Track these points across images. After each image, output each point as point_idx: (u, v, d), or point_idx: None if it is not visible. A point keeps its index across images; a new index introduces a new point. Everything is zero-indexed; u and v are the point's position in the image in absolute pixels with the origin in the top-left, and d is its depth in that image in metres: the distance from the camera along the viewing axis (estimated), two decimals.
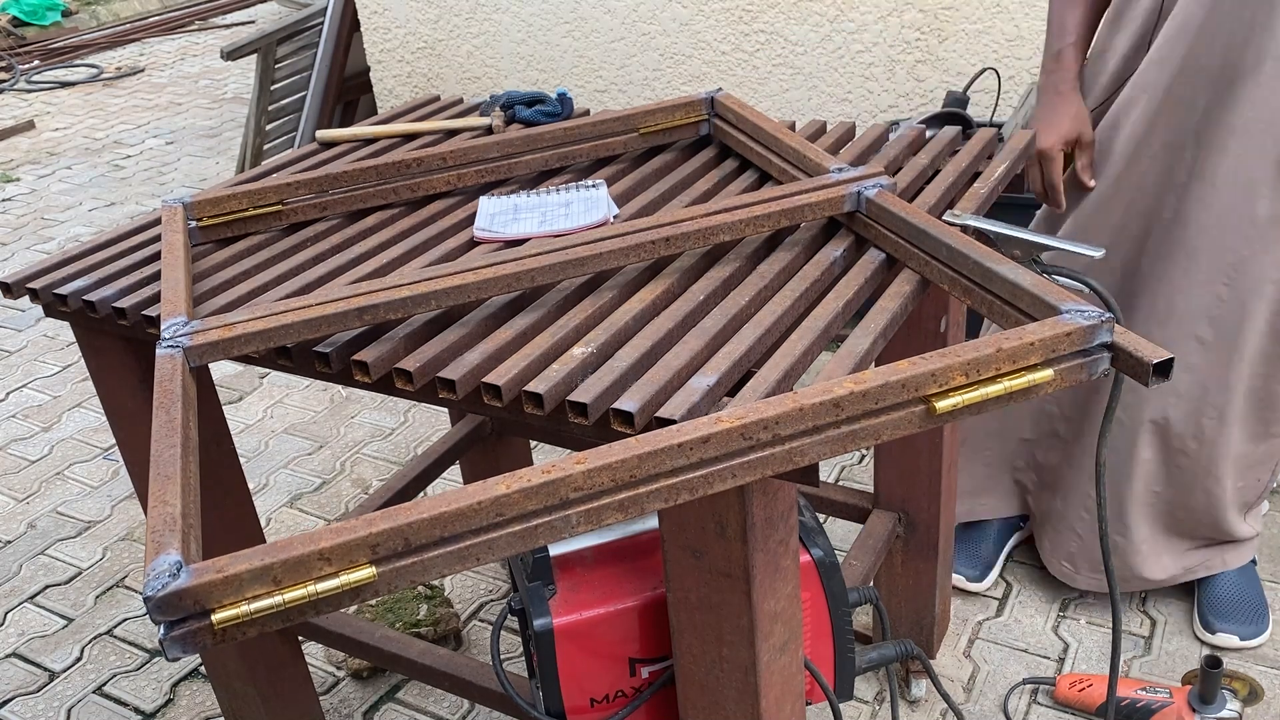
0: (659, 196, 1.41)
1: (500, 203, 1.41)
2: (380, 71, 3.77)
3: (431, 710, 1.88)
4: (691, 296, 1.14)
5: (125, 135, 5.16)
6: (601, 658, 1.16)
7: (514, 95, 1.70)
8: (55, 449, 2.76)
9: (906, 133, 1.49)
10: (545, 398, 0.99)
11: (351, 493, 2.50)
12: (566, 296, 1.17)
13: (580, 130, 1.52)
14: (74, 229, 4.12)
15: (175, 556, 0.78)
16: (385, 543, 0.78)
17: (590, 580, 1.17)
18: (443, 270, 1.16)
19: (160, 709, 1.93)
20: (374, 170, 1.45)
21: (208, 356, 1.10)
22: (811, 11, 2.90)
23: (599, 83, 3.33)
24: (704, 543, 1.01)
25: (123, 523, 2.45)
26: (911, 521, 1.73)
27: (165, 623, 0.75)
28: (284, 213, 1.43)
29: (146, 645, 2.08)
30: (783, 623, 1.09)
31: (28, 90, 6.01)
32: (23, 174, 4.77)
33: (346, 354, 1.11)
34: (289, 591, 0.77)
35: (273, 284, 1.29)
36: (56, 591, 2.25)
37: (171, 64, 6.30)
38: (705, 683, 1.12)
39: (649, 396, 0.97)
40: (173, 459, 0.92)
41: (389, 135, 1.70)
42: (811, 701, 1.24)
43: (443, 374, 1.05)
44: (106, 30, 6.89)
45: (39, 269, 1.37)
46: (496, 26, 3.45)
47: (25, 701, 1.97)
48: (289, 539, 0.78)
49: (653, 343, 1.06)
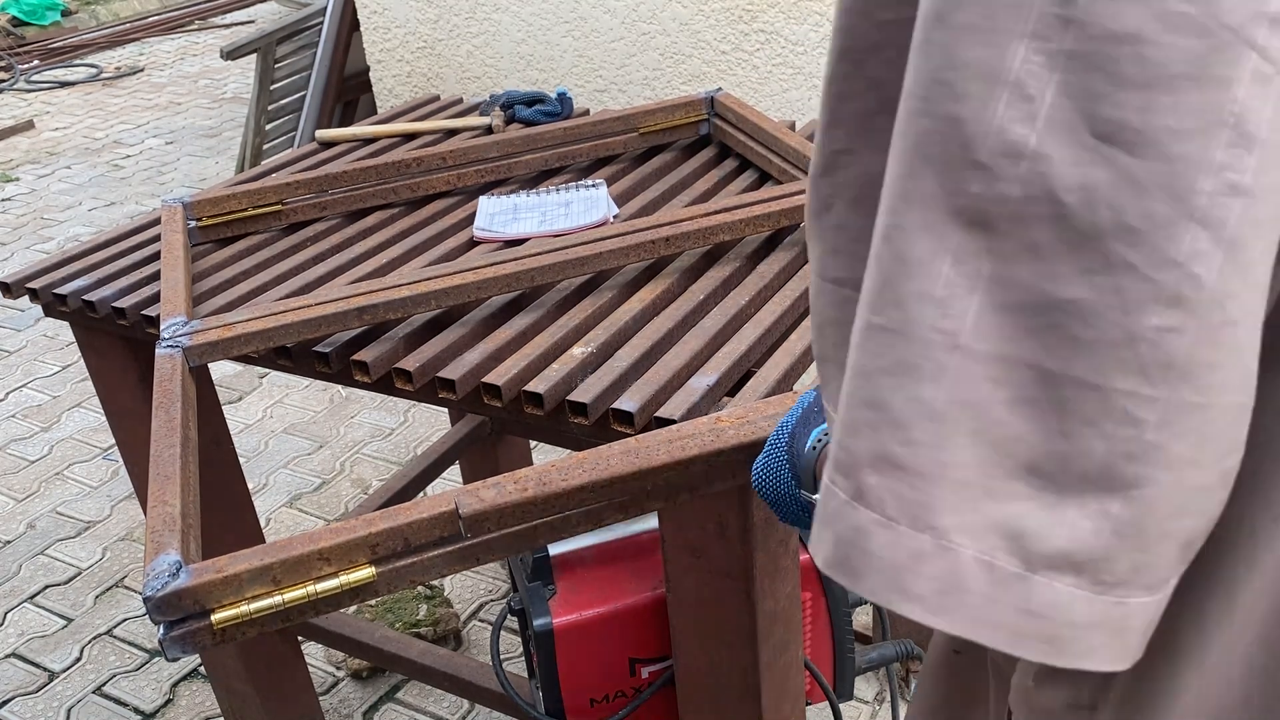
0: (659, 196, 1.41)
1: (500, 202, 1.41)
2: (380, 71, 3.77)
3: (431, 710, 1.88)
4: (691, 296, 1.14)
5: (125, 135, 5.16)
6: (601, 658, 1.16)
7: (514, 95, 1.70)
8: (55, 449, 2.76)
9: None
10: (545, 397, 0.99)
11: (351, 493, 2.49)
12: (566, 296, 1.17)
13: (580, 130, 1.52)
14: (73, 229, 4.12)
15: (175, 556, 0.78)
16: (385, 543, 0.78)
17: (590, 580, 1.17)
18: (442, 270, 1.16)
19: (160, 709, 1.93)
20: (374, 170, 1.45)
21: (207, 356, 1.10)
22: (811, 11, 2.90)
23: (599, 82, 3.33)
24: (704, 543, 1.01)
25: (122, 523, 2.45)
26: None
27: (165, 623, 0.75)
28: (284, 213, 1.43)
29: (146, 645, 2.08)
30: (783, 623, 1.09)
31: (27, 90, 6.01)
32: (22, 174, 4.77)
33: (346, 354, 1.11)
34: (289, 591, 0.77)
35: (272, 284, 1.29)
36: (56, 591, 2.25)
37: (171, 64, 6.30)
38: (705, 683, 1.12)
39: (649, 396, 0.97)
40: (172, 459, 0.92)
41: (389, 135, 1.70)
42: (811, 701, 1.24)
43: (442, 374, 1.05)
44: (106, 30, 6.90)
45: (38, 269, 1.37)
46: (496, 26, 3.45)
47: (25, 701, 1.97)
48: (289, 539, 0.78)
49: (652, 343, 1.06)
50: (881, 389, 0.39)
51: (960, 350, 0.37)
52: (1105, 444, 0.37)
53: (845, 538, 0.40)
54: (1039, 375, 0.37)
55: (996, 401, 0.37)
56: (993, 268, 0.36)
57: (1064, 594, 0.38)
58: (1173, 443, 0.37)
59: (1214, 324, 0.35)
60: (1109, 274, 0.35)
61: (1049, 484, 0.38)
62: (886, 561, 0.39)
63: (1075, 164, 0.34)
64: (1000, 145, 0.35)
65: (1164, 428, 0.36)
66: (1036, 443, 0.37)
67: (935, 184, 0.37)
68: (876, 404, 0.39)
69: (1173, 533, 0.39)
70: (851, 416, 0.40)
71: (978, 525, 0.38)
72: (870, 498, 0.39)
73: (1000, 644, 0.39)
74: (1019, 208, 0.35)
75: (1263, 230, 0.35)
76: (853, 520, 0.40)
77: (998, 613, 0.38)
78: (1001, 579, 0.38)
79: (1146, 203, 0.34)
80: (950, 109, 0.36)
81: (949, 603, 0.38)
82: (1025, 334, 0.36)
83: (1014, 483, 0.38)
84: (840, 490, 0.40)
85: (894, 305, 0.38)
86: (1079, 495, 0.37)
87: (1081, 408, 0.36)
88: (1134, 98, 0.33)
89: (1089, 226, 0.35)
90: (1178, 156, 0.34)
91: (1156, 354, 0.35)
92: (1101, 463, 0.37)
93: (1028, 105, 0.35)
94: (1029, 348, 0.36)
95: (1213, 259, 0.35)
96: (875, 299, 0.39)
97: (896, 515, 0.39)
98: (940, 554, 0.38)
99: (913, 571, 0.39)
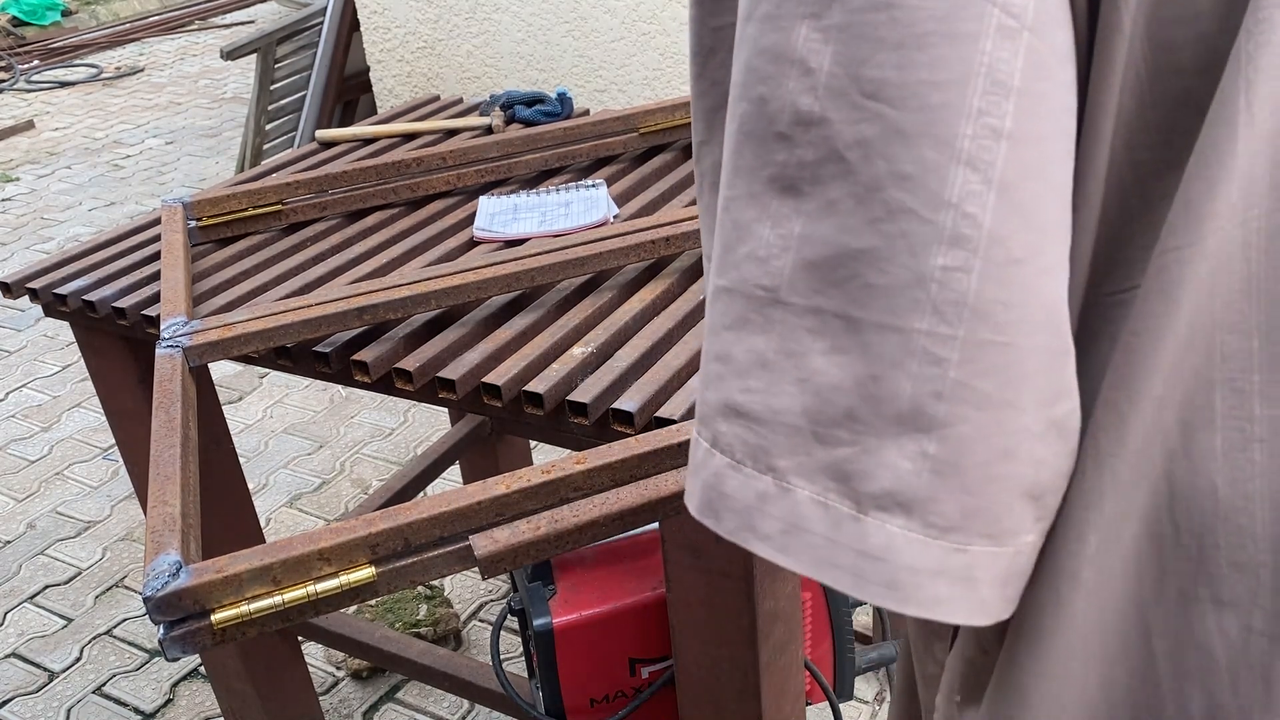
0: (659, 196, 1.41)
1: (500, 202, 1.41)
2: (380, 71, 3.77)
3: (431, 710, 1.88)
4: (691, 296, 1.14)
5: (125, 135, 5.16)
6: (601, 658, 1.16)
7: (514, 95, 1.70)
8: (55, 449, 2.76)
9: None
10: (545, 398, 0.99)
11: (351, 493, 2.49)
12: (566, 296, 1.17)
13: (580, 130, 1.52)
14: (73, 229, 4.12)
15: (175, 556, 0.78)
16: (385, 543, 0.78)
17: (590, 580, 1.17)
18: (442, 270, 1.16)
19: (160, 709, 1.93)
20: (374, 170, 1.45)
21: (207, 356, 1.10)
22: None
23: (599, 82, 3.33)
24: (704, 543, 1.01)
25: (122, 523, 2.45)
26: None
27: (165, 623, 0.75)
28: (284, 213, 1.43)
29: (146, 645, 2.08)
30: (783, 623, 1.09)
31: (27, 90, 6.01)
32: (22, 174, 4.77)
33: (346, 354, 1.11)
34: (289, 591, 0.76)
35: (272, 284, 1.29)
36: (56, 591, 2.25)
37: (171, 64, 6.30)
38: (705, 683, 1.12)
39: (649, 396, 0.97)
40: (172, 459, 0.92)
41: (389, 135, 1.70)
42: (811, 701, 1.24)
43: (442, 374, 1.05)
44: (106, 30, 6.89)
45: (38, 269, 1.37)
46: (496, 26, 3.45)
47: (25, 701, 1.97)
48: (289, 539, 0.78)
49: (652, 343, 1.06)
50: (726, 343, 0.42)
51: (781, 305, 0.40)
52: (912, 384, 0.39)
53: (708, 483, 0.43)
54: (847, 324, 0.39)
55: (815, 351, 0.40)
56: (801, 227, 0.40)
57: (897, 535, 0.40)
58: (978, 380, 0.39)
59: (999, 261, 0.38)
60: (893, 221, 0.38)
61: (868, 428, 0.40)
62: (739, 502, 0.42)
63: (852, 123, 0.38)
64: (794, 116, 0.39)
65: (966, 364, 0.38)
66: (851, 389, 0.40)
67: (753, 157, 0.41)
68: (723, 357, 0.43)
69: (1001, 477, 0.40)
70: (706, 370, 0.44)
71: (810, 467, 0.41)
72: (722, 443, 0.43)
73: (845, 586, 0.41)
74: (815, 170, 0.39)
75: (1032, 174, 0.38)
76: (712, 466, 0.43)
77: (837, 554, 0.41)
78: (837, 520, 0.41)
79: (915, 150, 0.37)
80: (758, 90, 0.40)
81: (793, 543, 0.41)
82: (831, 285, 0.39)
83: (836, 429, 0.40)
84: (703, 440, 0.44)
85: (732, 267, 0.42)
86: (896, 437, 0.39)
87: (886, 350, 0.39)
88: (892, 57, 0.37)
89: (870, 179, 0.38)
90: (937, 105, 0.37)
91: (946, 293, 0.38)
92: (911, 402, 0.39)
93: (810, 78, 0.38)
94: (835, 298, 0.39)
95: (985, 198, 0.37)
96: (719, 263, 0.43)
97: (743, 459, 0.42)
98: (782, 495, 0.41)
99: (760, 511, 0.42)
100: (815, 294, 0.40)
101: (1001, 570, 0.41)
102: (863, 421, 0.40)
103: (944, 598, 0.40)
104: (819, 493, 0.41)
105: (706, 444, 0.44)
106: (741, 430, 0.42)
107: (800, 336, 0.40)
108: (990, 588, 0.41)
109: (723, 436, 0.43)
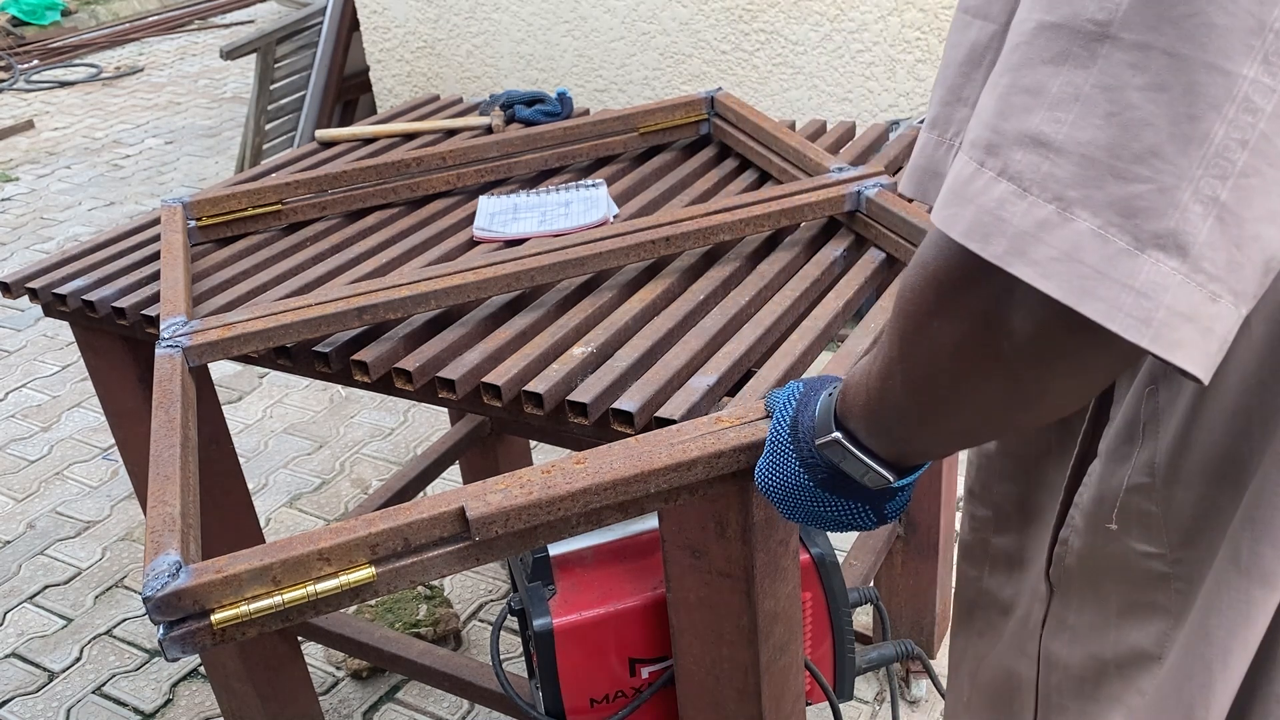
0: (659, 196, 1.41)
1: (500, 202, 1.41)
2: (380, 71, 3.77)
3: (431, 710, 1.87)
4: (691, 296, 1.14)
5: (124, 135, 5.16)
6: (601, 658, 1.16)
7: (514, 95, 1.70)
8: (54, 449, 2.76)
9: (907, 132, 1.49)
10: (545, 397, 0.99)
11: (351, 493, 2.49)
12: (566, 296, 1.17)
13: (580, 130, 1.52)
14: (73, 229, 4.11)
15: (175, 556, 0.78)
16: (385, 543, 0.78)
17: (590, 580, 1.17)
18: (442, 270, 1.16)
19: (160, 709, 1.93)
20: (373, 170, 1.45)
21: (207, 356, 1.10)
22: (811, 11, 2.90)
23: (599, 82, 3.33)
24: (704, 543, 1.01)
25: (122, 523, 2.45)
26: (912, 521, 1.73)
27: (165, 623, 0.75)
28: (283, 212, 1.43)
29: (146, 645, 2.08)
30: (783, 623, 1.09)
31: (27, 90, 6.00)
32: (22, 173, 4.77)
33: (346, 354, 1.11)
34: (288, 592, 0.76)
35: (272, 284, 1.29)
36: (56, 591, 2.25)
37: (171, 63, 6.30)
38: (705, 683, 1.12)
39: (649, 396, 0.97)
40: (172, 459, 0.92)
41: (388, 135, 1.69)
42: (811, 701, 1.24)
43: (442, 374, 1.05)
44: (106, 30, 6.89)
45: (38, 269, 1.37)
46: (496, 26, 3.45)
47: (25, 701, 1.97)
48: (288, 539, 0.78)
49: (652, 342, 1.06)
50: (1042, 76, 0.44)
51: (1110, 40, 0.42)
52: (1225, 129, 0.41)
53: (984, 207, 0.45)
54: (1174, 61, 0.41)
55: (1133, 86, 0.41)
56: None
57: (1168, 274, 0.42)
58: (1278, 136, 0.40)
59: None
60: None
61: (1170, 167, 0.41)
62: (1015, 228, 0.44)
63: None
64: None
65: (1276, 118, 0.40)
66: (1163, 126, 0.41)
67: None
68: (1034, 89, 0.44)
69: (1260, 238, 0.42)
70: (1008, 102, 0.45)
71: (1099, 200, 0.43)
72: (1011, 170, 0.44)
73: (1099, 315, 0.43)
74: None
75: None
76: (994, 193, 0.45)
77: (1101, 286, 0.43)
78: (1112, 254, 0.42)
79: None
80: None
81: (1060, 270, 0.43)
82: (1168, 23, 0.40)
83: (1137, 165, 0.42)
84: (987, 168, 0.45)
85: (1065, 3, 0.43)
86: (1196, 179, 0.41)
87: (1210, 91, 0.40)
88: None
89: None
90: None
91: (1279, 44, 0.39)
92: (1219, 147, 0.41)
93: None
94: (1169, 35, 0.41)
95: None
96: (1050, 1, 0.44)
97: (1031, 186, 0.44)
98: (1062, 224, 0.43)
99: (1035, 238, 0.44)
100: (1149, 30, 0.41)
101: (1228, 329, 0.43)
102: (1166, 160, 0.41)
103: (1184, 342, 0.42)
104: (1101, 225, 0.42)
105: (992, 172, 0.45)
106: (1038, 159, 0.44)
107: (1121, 71, 0.41)
108: (1219, 344, 0.43)
109: (1014, 164, 0.44)
